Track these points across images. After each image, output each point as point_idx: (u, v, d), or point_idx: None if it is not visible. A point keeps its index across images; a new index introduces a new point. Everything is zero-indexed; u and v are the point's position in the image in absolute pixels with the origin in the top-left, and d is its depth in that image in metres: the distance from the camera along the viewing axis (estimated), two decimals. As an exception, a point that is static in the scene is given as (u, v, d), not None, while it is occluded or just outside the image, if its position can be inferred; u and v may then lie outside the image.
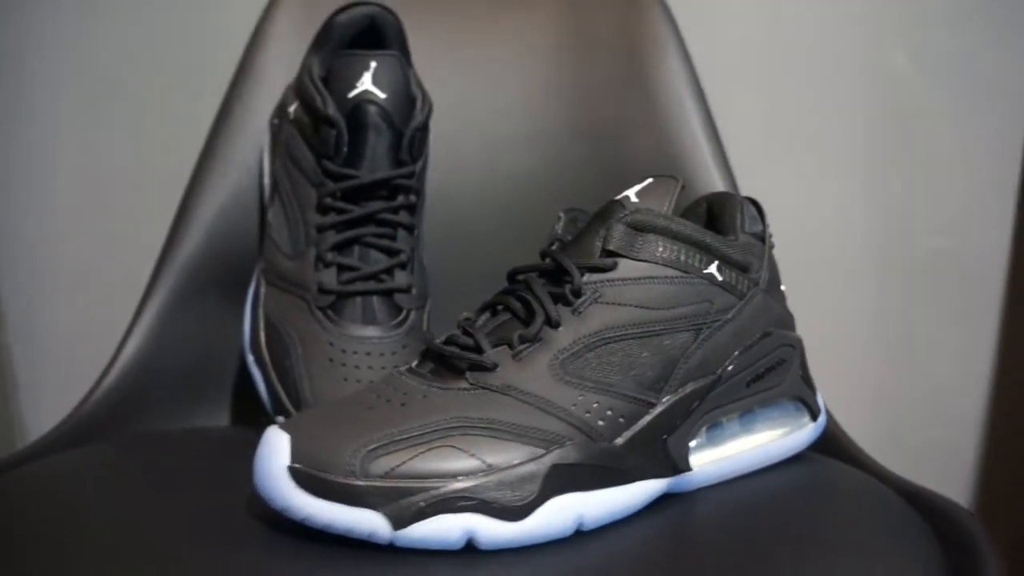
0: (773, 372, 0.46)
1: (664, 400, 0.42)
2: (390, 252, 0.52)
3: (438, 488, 0.36)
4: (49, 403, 0.79)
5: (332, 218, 0.51)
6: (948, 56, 0.75)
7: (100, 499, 0.45)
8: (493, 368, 0.40)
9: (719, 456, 0.45)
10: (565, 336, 0.41)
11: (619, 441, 0.40)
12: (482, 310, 0.45)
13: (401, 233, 0.52)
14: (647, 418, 0.41)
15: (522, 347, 0.40)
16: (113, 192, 0.77)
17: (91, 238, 0.77)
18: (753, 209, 0.49)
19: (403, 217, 0.52)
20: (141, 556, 0.38)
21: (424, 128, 0.52)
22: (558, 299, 0.42)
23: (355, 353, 0.50)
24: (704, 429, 0.44)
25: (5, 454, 0.52)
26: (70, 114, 0.76)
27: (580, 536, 0.39)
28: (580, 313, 0.42)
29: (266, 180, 0.60)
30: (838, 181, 0.77)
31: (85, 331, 0.78)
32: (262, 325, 0.53)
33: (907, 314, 0.79)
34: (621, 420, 0.40)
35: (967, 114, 0.76)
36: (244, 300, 0.61)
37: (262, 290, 0.53)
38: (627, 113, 0.66)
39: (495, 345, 0.41)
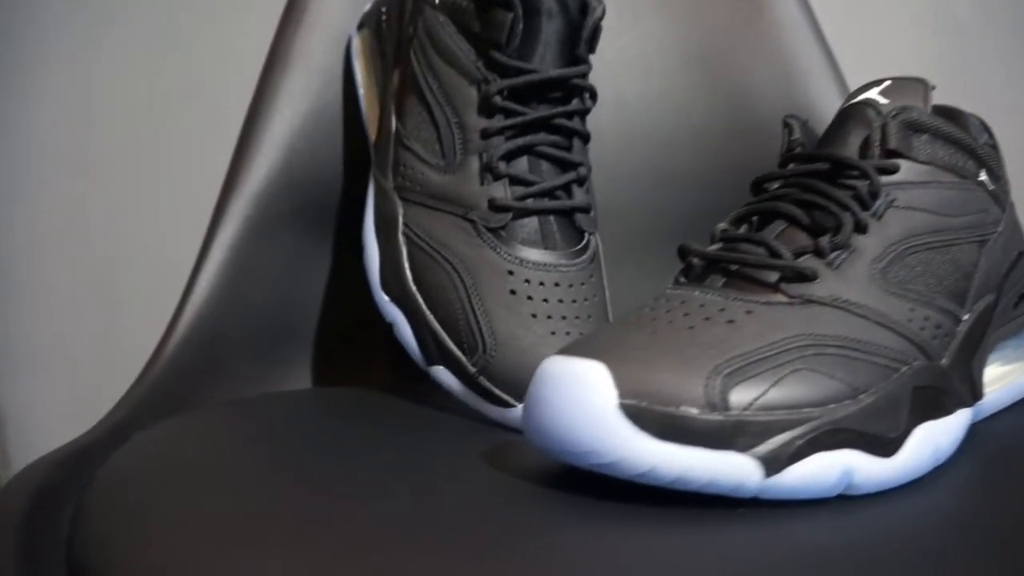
0: (1030, 294, 0.42)
1: (965, 318, 0.37)
2: (565, 165, 0.43)
3: (814, 419, 0.28)
4: (24, 378, 0.65)
5: (500, 121, 0.42)
6: (1010, 6, 0.75)
7: (295, 475, 0.35)
8: (813, 278, 0.33)
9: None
10: (872, 243, 0.35)
11: (944, 361, 0.34)
12: (738, 220, 0.38)
13: (577, 143, 0.44)
14: (959, 337, 0.35)
15: (834, 255, 0.34)
16: (106, 126, 0.63)
17: (79, 179, 0.63)
18: (978, 122, 0.45)
19: (578, 124, 0.44)
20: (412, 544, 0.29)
21: (599, 25, 0.44)
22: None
23: (541, 284, 0.40)
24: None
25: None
26: (57, 29, 0.62)
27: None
28: (880, 218, 0.36)
29: (360, 89, 0.51)
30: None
31: (68, 291, 0.64)
32: (404, 254, 0.42)
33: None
34: (945, 337, 0.34)
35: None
36: (327, 232, 0.51)
37: (400, 212, 0.43)
38: (740, 39, 0.60)
39: (795, 255, 0.35)
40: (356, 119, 0.52)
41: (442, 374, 0.41)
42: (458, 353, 0.41)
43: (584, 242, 0.43)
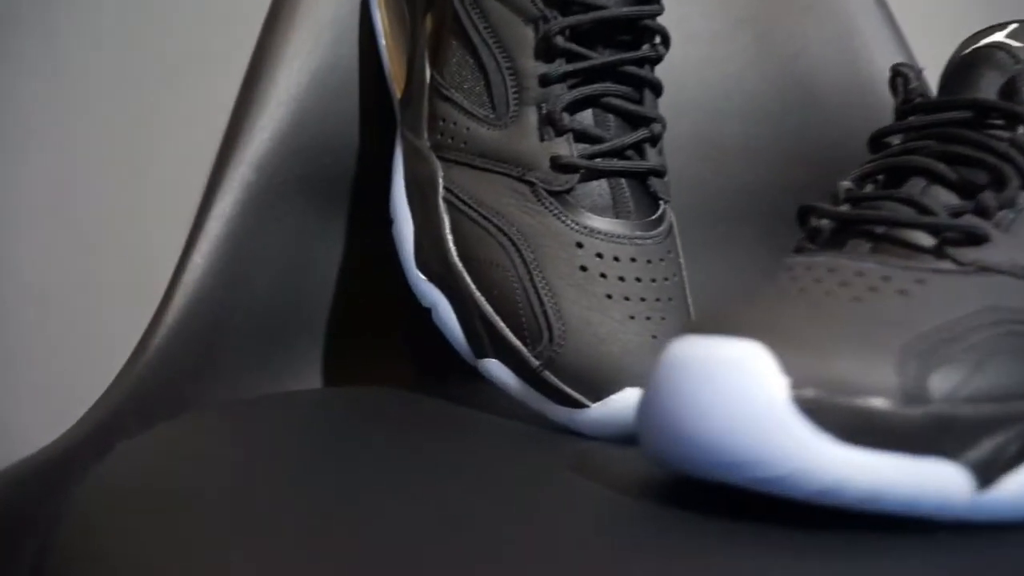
0: None
1: None
2: (636, 120, 0.36)
3: (1025, 416, 0.23)
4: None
5: (561, 66, 0.35)
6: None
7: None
8: (984, 241, 0.27)
9: None
10: (1037, 201, 0.30)
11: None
12: (863, 179, 0.32)
13: (648, 95, 0.37)
14: None
15: (1001, 214, 0.28)
16: (88, 83, 0.55)
17: (57, 142, 0.55)
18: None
19: (648, 73, 0.37)
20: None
21: None
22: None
23: (615, 260, 0.34)
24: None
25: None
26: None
27: None
28: (1040, 172, 0.31)
29: (382, 40, 0.44)
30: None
31: (45, 270, 0.57)
32: (447, 224, 0.35)
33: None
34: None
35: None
36: (342, 202, 0.44)
37: (440, 174, 0.36)
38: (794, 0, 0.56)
39: (952, 215, 0.29)
40: (375, 75, 0.45)
41: (495, 368, 0.35)
42: (517, 343, 0.34)
43: (660, 212, 0.37)
